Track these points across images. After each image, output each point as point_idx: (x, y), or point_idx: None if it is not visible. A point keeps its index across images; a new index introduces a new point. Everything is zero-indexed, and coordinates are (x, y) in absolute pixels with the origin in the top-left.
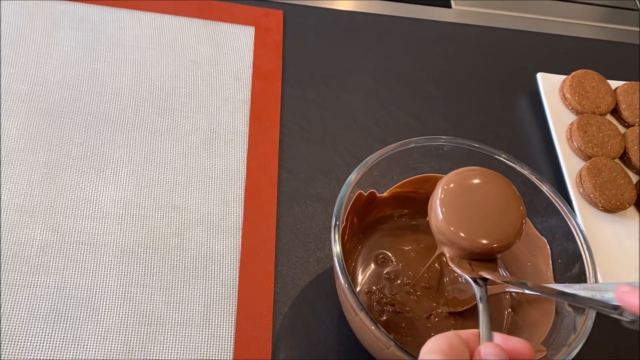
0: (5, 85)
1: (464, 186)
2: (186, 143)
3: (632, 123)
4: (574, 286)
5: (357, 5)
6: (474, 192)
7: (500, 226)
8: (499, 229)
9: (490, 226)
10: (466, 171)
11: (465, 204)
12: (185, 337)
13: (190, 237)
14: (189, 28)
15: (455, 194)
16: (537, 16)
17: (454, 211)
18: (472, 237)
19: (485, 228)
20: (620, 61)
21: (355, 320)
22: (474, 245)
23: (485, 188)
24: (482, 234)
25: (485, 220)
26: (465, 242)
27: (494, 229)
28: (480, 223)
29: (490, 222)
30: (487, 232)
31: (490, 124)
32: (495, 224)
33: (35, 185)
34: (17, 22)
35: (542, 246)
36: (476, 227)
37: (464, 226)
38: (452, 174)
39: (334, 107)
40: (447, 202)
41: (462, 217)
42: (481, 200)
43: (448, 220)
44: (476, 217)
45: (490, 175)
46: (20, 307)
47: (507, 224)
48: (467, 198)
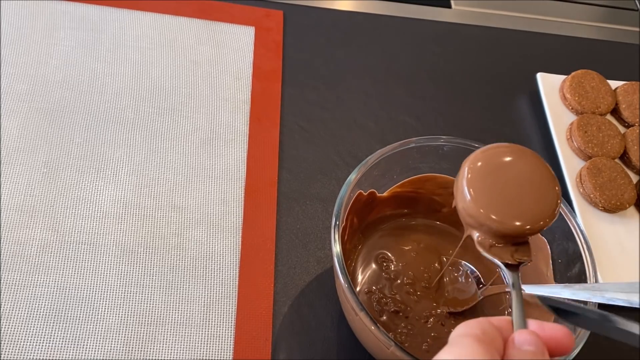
0: (5, 85)
1: (492, 164)
2: (186, 143)
3: (632, 123)
4: (574, 286)
5: (357, 5)
6: (504, 170)
7: (533, 206)
8: (532, 209)
9: (522, 206)
10: (495, 148)
11: (495, 183)
12: (185, 337)
13: (190, 236)
14: (189, 28)
15: (483, 173)
16: (537, 16)
17: (483, 191)
18: (504, 218)
19: (518, 208)
20: (620, 61)
21: (355, 321)
22: (505, 227)
23: (516, 165)
24: (514, 215)
25: (517, 200)
26: (496, 224)
27: (527, 209)
28: (512, 203)
29: (523, 201)
30: (520, 213)
31: (490, 124)
32: (528, 203)
33: (35, 185)
34: (17, 22)
35: (542, 246)
36: (507, 207)
37: (494, 207)
38: (479, 151)
39: (334, 107)
40: (474, 181)
41: (492, 198)
42: (512, 178)
43: (477, 201)
44: (507, 197)
45: (521, 151)
46: (20, 307)
47: (541, 204)
48: (496, 177)
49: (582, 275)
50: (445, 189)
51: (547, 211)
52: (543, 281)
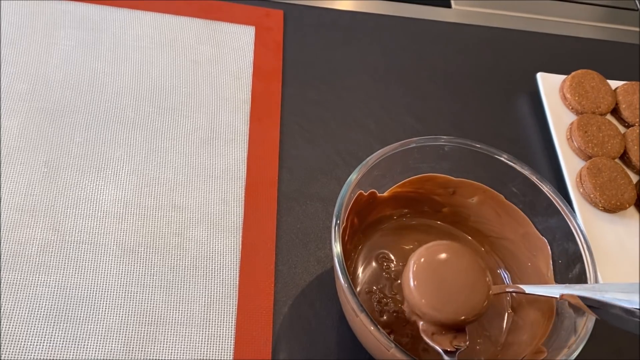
0: (5, 84)
1: (433, 261)
2: (186, 142)
3: (632, 123)
4: (574, 287)
5: (357, 5)
6: (442, 267)
7: (468, 298)
8: (468, 300)
9: (459, 299)
10: (435, 245)
11: (436, 279)
12: (185, 337)
13: (190, 236)
14: (189, 28)
15: (425, 269)
16: (537, 16)
17: (425, 286)
18: (442, 310)
19: (454, 301)
20: (620, 61)
21: (356, 322)
22: (444, 318)
23: (453, 262)
24: (451, 307)
25: (454, 294)
26: (437, 314)
27: (463, 301)
28: (450, 296)
29: (459, 295)
30: (456, 305)
31: (490, 123)
32: (464, 296)
33: (35, 185)
34: (17, 21)
35: (543, 246)
36: (446, 300)
37: (435, 300)
38: (423, 248)
39: (334, 107)
40: (419, 277)
41: (432, 292)
42: (450, 274)
43: (420, 295)
44: (446, 291)
45: (457, 249)
46: (20, 307)
47: (475, 296)
48: (436, 273)
49: (582, 275)
50: (445, 188)
51: (479, 302)
52: (543, 282)
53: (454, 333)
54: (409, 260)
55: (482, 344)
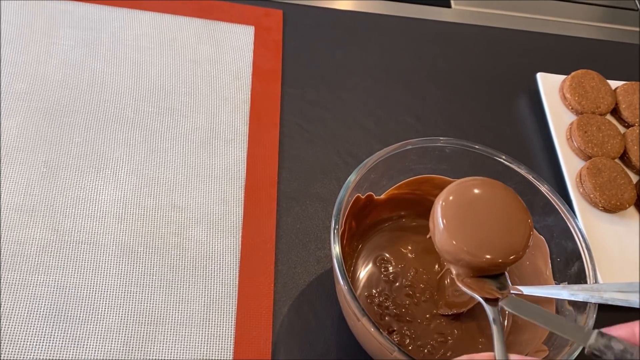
0: (5, 84)
1: (465, 199)
2: (186, 142)
3: (632, 123)
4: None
5: (357, 5)
6: (476, 204)
7: (505, 239)
8: (504, 241)
9: (495, 239)
10: (467, 181)
11: (468, 217)
12: (185, 337)
13: (190, 236)
14: (188, 27)
15: (456, 208)
16: (537, 16)
17: (456, 225)
18: (476, 251)
19: (490, 241)
20: (620, 61)
21: (357, 326)
22: (478, 260)
23: (488, 199)
24: (487, 247)
25: (489, 233)
26: (469, 257)
27: (499, 242)
28: (485, 236)
29: (495, 234)
30: (492, 246)
31: (490, 124)
32: (500, 236)
33: (35, 184)
34: (17, 21)
35: (541, 245)
36: (480, 240)
37: (467, 240)
38: (452, 185)
39: (334, 107)
40: (449, 217)
41: (465, 231)
42: (485, 212)
43: (450, 235)
44: (480, 230)
45: (493, 185)
46: (20, 307)
47: (514, 237)
48: (469, 211)
49: (581, 273)
50: (441, 189)
51: (519, 244)
52: (542, 280)
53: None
54: (436, 201)
55: (484, 344)
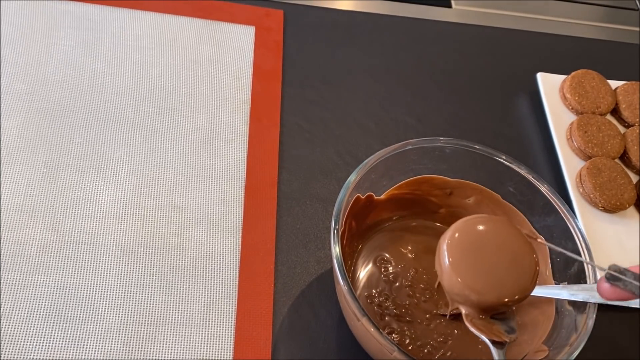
0: (5, 84)
1: (471, 237)
2: (186, 143)
3: (632, 123)
4: (573, 287)
5: (357, 5)
6: (483, 243)
7: (513, 278)
8: (512, 280)
9: (503, 278)
10: (472, 220)
11: (475, 256)
12: (185, 337)
13: (190, 236)
14: (189, 28)
15: (463, 246)
16: (537, 16)
17: (464, 265)
18: (485, 290)
19: (498, 280)
20: (620, 61)
21: (357, 326)
22: (487, 299)
23: (494, 237)
24: (495, 287)
25: (497, 273)
26: (478, 296)
27: (507, 281)
28: (493, 276)
29: (503, 274)
30: (501, 285)
31: (490, 123)
32: (508, 275)
33: (35, 185)
34: (17, 21)
35: (540, 245)
36: (488, 280)
37: (475, 280)
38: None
39: (334, 107)
40: (455, 255)
41: (472, 271)
42: (492, 250)
43: (457, 274)
44: (488, 269)
45: (498, 222)
46: (20, 307)
47: (521, 275)
48: (476, 249)
49: (581, 273)
50: (442, 189)
51: (526, 283)
52: (542, 280)
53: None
54: (443, 235)
55: (484, 344)
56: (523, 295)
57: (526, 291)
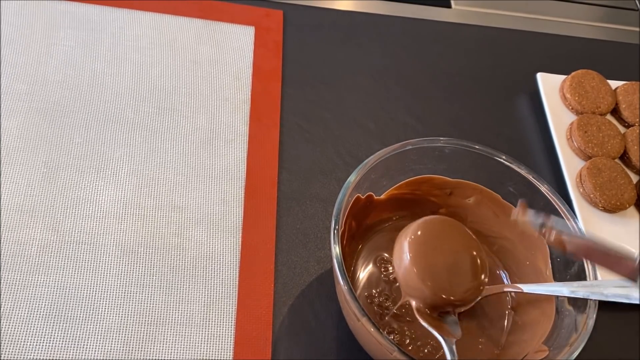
0: (5, 85)
1: (428, 237)
2: (186, 143)
3: (632, 123)
4: (573, 284)
5: (357, 5)
6: (439, 243)
7: (462, 280)
8: (462, 282)
9: (454, 279)
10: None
11: (432, 255)
12: (185, 337)
13: (190, 236)
14: (189, 28)
15: (420, 244)
16: (537, 16)
17: (421, 262)
18: (437, 287)
19: (450, 280)
20: (620, 61)
21: (357, 326)
22: (437, 297)
23: (450, 239)
24: (446, 286)
25: (449, 273)
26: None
27: (458, 282)
28: (446, 275)
29: (455, 275)
30: (451, 285)
31: (490, 124)
32: (458, 277)
33: (35, 185)
34: (17, 22)
35: (541, 245)
36: (440, 278)
37: (429, 277)
38: (418, 222)
39: (334, 107)
40: (414, 252)
41: (427, 268)
42: (447, 251)
43: (414, 269)
44: (441, 269)
45: (452, 225)
46: (20, 307)
47: (470, 280)
48: (432, 249)
49: (581, 273)
50: (442, 190)
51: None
52: (542, 280)
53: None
54: (401, 231)
55: (484, 344)
56: (469, 298)
57: (473, 295)
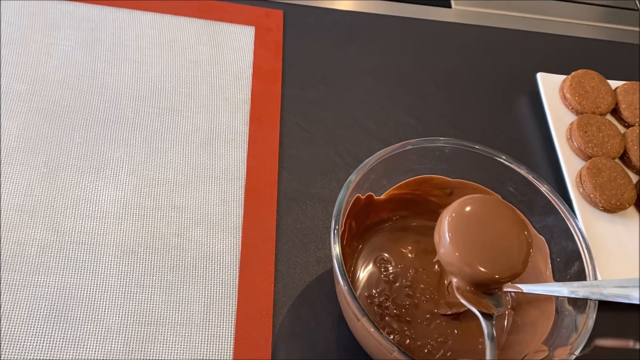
0: (5, 85)
1: (471, 215)
2: (186, 143)
3: (632, 123)
4: (573, 284)
5: (357, 5)
6: (482, 221)
7: (506, 257)
8: (506, 259)
9: (497, 256)
10: (473, 198)
11: (474, 233)
12: (185, 337)
13: (190, 237)
14: (189, 28)
15: (462, 223)
16: (537, 16)
17: (462, 240)
18: (480, 266)
19: (493, 258)
20: (620, 61)
21: (357, 326)
22: (481, 275)
23: (493, 217)
24: (490, 264)
25: (493, 250)
26: (473, 271)
27: (501, 259)
28: (488, 253)
29: (498, 252)
30: (495, 262)
31: (490, 124)
32: (502, 254)
33: (35, 185)
34: (17, 22)
35: (541, 245)
36: (483, 256)
37: (471, 255)
38: (460, 201)
39: (334, 107)
40: (454, 231)
41: (469, 247)
42: (489, 229)
43: (456, 249)
44: (484, 246)
45: (498, 203)
46: (20, 307)
47: (514, 256)
48: (474, 227)
49: (581, 274)
50: (442, 190)
51: (518, 263)
52: (542, 280)
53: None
54: (444, 211)
55: (483, 344)
56: (514, 274)
57: (517, 271)
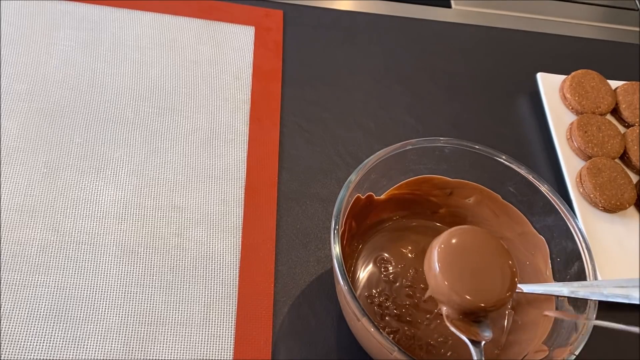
0: (5, 85)
1: (458, 246)
2: (186, 143)
3: (632, 123)
4: (573, 284)
5: (357, 5)
6: (469, 252)
7: (492, 287)
8: (492, 289)
9: (484, 286)
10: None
11: (461, 264)
12: (185, 337)
13: (190, 236)
14: (189, 28)
15: (450, 254)
16: (537, 16)
17: (450, 271)
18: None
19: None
20: (620, 61)
21: (357, 326)
22: (468, 304)
23: (480, 247)
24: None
25: (480, 281)
26: (461, 300)
27: (488, 289)
28: (475, 283)
29: (485, 282)
30: (482, 292)
31: (490, 124)
32: (488, 284)
33: (35, 185)
34: (17, 22)
35: (541, 245)
36: (471, 286)
37: (459, 286)
38: (448, 232)
39: (334, 107)
40: (443, 261)
41: (457, 277)
42: (476, 260)
43: (445, 279)
44: (471, 277)
45: (483, 234)
46: (20, 307)
47: (499, 286)
48: (462, 258)
49: (581, 273)
50: (441, 189)
51: (503, 293)
52: (542, 280)
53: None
54: (432, 242)
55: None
56: (499, 302)
57: (503, 299)
